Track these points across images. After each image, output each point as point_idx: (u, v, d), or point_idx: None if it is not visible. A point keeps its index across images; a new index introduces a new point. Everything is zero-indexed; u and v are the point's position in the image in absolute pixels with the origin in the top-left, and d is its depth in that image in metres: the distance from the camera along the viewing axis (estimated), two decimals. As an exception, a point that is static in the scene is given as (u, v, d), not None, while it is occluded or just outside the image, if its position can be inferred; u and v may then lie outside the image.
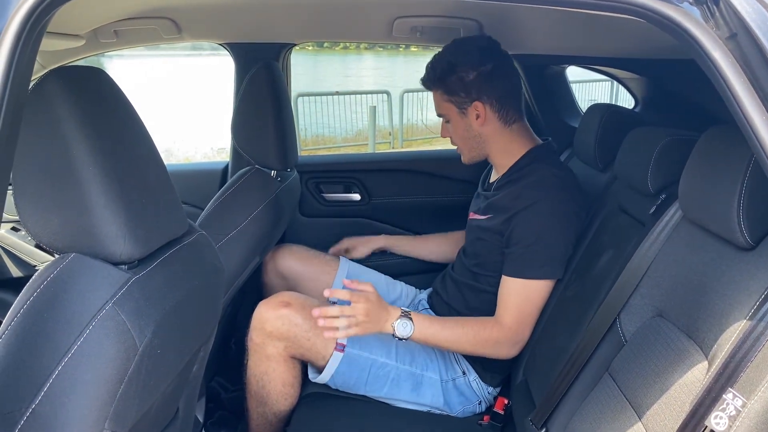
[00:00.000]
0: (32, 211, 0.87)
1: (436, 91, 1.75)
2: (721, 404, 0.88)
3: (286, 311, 1.65)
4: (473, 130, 1.75)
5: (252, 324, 1.68)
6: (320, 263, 2.08)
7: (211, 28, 2.07)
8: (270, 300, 1.69)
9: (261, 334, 1.66)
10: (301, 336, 1.65)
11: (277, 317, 1.64)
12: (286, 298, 1.69)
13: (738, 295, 0.98)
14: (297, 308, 1.66)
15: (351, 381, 1.69)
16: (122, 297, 0.87)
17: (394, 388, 1.71)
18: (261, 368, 1.69)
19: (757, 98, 0.73)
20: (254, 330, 1.67)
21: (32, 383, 0.81)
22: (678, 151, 1.29)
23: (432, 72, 1.73)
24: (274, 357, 1.67)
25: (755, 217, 0.98)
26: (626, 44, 1.69)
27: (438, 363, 1.75)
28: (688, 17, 0.75)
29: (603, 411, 1.21)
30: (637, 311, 1.27)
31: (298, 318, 1.64)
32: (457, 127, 1.77)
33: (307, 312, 1.64)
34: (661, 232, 1.28)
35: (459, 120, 1.75)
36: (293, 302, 1.67)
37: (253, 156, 1.89)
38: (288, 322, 1.64)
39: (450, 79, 1.70)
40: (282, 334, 1.64)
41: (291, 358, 1.69)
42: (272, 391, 1.70)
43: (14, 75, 0.75)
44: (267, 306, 1.67)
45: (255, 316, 1.68)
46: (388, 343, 1.71)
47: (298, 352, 1.67)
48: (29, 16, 0.76)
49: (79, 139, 0.85)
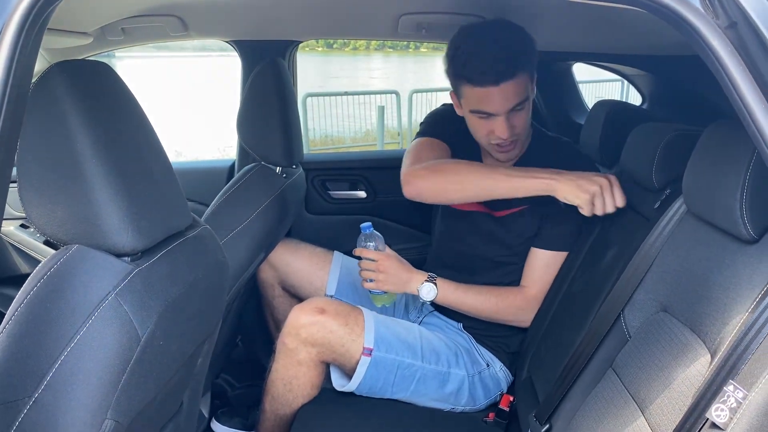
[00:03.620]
0: (37, 204, 0.88)
1: (523, 74, 1.55)
2: (722, 396, 0.88)
3: (322, 318, 1.62)
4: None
5: (285, 329, 1.65)
6: (312, 256, 2.05)
7: (218, 25, 2.09)
8: (305, 305, 1.67)
9: (295, 339, 1.63)
10: (336, 342, 1.63)
11: (313, 323, 1.61)
12: (321, 304, 1.66)
13: (741, 289, 0.98)
14: (332, 315, 1.63)
15: (378, 385, 1.66)
16: (125, 288, 0.88)
17: (420, 387, 1.69)
18: (290, 372, 1.66)
19: (757, 88, 0.73)
20: (288, 335, 1.64)
21: (35, 372, 0.82)
22: (682, 146, 1.29)
23: (516, 55, 1.54)
24: (305, 362, 1.65)
25: (758, 209, 0.98)
26: (632, 40, 1.69)
27: (463, 358, 1.75)
28: (687, 6, 0.75)
29: (606, 406, 1.21)
30: (642, 306, 1.27)
31: (334, 325, 1.62)
32: (530, 108, 1.64)
33: (342, 319, 1.63)
34: (665, 227, 1.28)
35: (532, 100, 1.64)
36: (328, 308, 1.65)
37: (259, 152, 1.90)
38: (323, 329, 1.61)
39: (536, 53, 1.60)
40: (316, 341, 1.62)
41: (321, 362, 1.67)
42: (299, 394, 1.68)
43: (16, 70, 0.76)
44: (302, 311, 1.64)
45: (289, 321, 1.65)
46: (413, 343, 1.70)
47: (330, 357, 1.66)
48: (30, 10, 0.76)
49: (83, 132, 0.86)
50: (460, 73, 1.58)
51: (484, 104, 1.58)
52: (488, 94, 1.55)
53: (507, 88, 1.53)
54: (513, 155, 1.69)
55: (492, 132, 1.61)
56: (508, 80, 1.52)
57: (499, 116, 1.58)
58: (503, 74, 1.52)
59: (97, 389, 0.84)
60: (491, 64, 1.51)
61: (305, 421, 1.63)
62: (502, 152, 1.67)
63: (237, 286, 1.70)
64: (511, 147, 1.66)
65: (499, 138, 1.61)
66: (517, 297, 1.74)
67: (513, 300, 1.74)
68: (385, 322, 1.71)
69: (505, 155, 1.68)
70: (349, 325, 1.63)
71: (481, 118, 1.61)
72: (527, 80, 1.57)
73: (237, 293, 1.77)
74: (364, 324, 1.65)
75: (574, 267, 1.64)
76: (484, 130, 1.63)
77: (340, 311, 1.66)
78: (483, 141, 1.68)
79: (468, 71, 1.55)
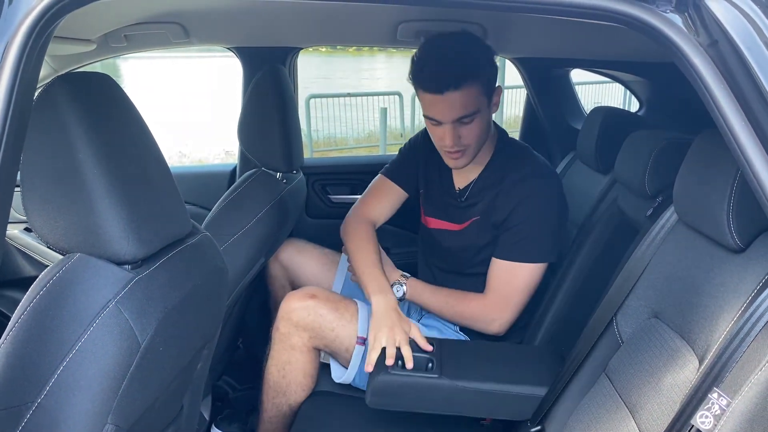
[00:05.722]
0: (39, 213, 0.90)
1: (469, 87, 1.57)
2: (707, 403, 0.90)
3: (313, 302, 1.69)
4: (491, 119, 1.73)
5: (279, 314, 1.72)
6: (321, 257, 2.12)
7: (219, 32, 2.11)
8: (297, 292, 1.75)
9: (287, 324, 1.70)
10: (326, 327, 1.69)
11: (304, 308, 1.69)
12: (312, 290, 1.74)
13: (727, 297, 1.00)
14: (322, 300, 1.71)
15: None
16: (125, 296, 0.90)
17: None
18: (284, 357, 1.73)
19: (737, 104, 0.75)
20: (281, 320, 1.71)
21: (38, 378, 0.84)
22: (675, 154, 1.30)
23: (464, 68, 1.57)
24: (298, 347, 1.71)
25: (745, 219, 1.00)
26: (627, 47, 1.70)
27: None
28: (669, 24, 0.77)
29: (598, 411, 1.23)
30: (634, 312, 1.28)
31: (324, 309, 1.69)
32: (482, 122, 1.66)
33: (332, 304, 1.71)
34: (657, 234, 1.30)
35: (486, 114, 1.66)
36: (319, 294, 1.72)
37: (259, 158, 1.92)
38: (314, 313, 1.68)
39: (490, 71, 1.63)
40: (307, 325, 1.69)
41: (314, 348, 1.73)
42: (293, 381, 1.74)
43: (21, 80, 0.77)
44: (294, 297, 1.72)
45: (282, 307, 1.72)
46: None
47: (322, 343, 1.71)
48: (37, 22, 0.77)
49: (85, 143, 0.88)
50: (414, 78, 1.64)
51: (431, 111, 1.63)
52: (434, 102, 1.60)
53: (452, 98, 1.57)
54: (460, 163, 1.72)
55: (441, 138, 1.67)
56: (452, 90, 1.56)
57: (445, 124, 1.62)
58: (447, 84, 1.56)
59: (99, 395, 0.86)
60: (438, 73, 1.57)
61: (305, 421, 1.66)
62: (449, 158, 1.72)
63: (237, 290, 1.73)
64: (458, 155, 1.69)
65: (446, 145, 1.66)
66: (473, 303, 1.74)
67: (468, 305, 1.75)
68: None
69: (452, 162, 1.73)
70: (339, 311, 1.70)
71: (432, 124, 1.67)
72: (477, 93, 1.59)
73: (237, 298, 1.79)
74: (358, 314, 1.71)
75: (569, 273, 1.66)
76: (435, 135, 1.70)
77: (331, 297, 1.73)
78: (437, 145, 1.73)
79: (419, 77, 1.62)
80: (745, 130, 0.75)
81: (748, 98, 0.75)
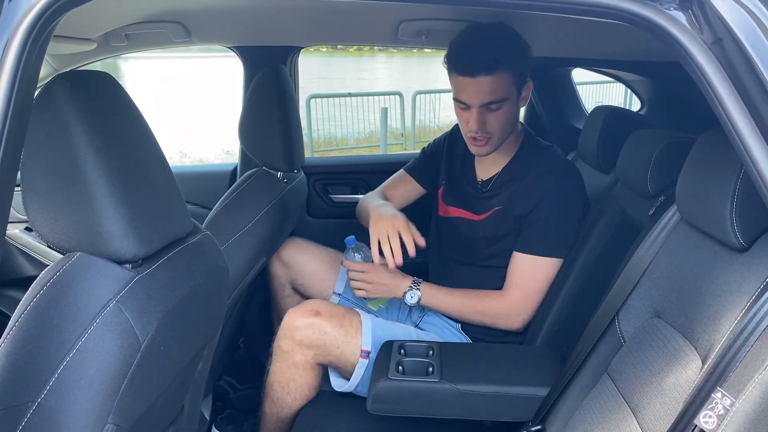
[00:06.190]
0: (40, 212, 0.90)
1: (500, 75, 1.61)
2: (710, 403, 0.89)
3: (317, 320, 1.65)
4: (518, 113, 1.76)
5: (281, 331, 1.68)
6: (323, 256, 2.11)
7: (220, 31, 2.11)
8: (300, 308, 1.70)
9: (290, 342, 1.66)
10: (331, 344, 1.65)
11: (307, 326, 1.65)
12: (315, 306, 1.70)
13: (731, 296, 0.99)
14: (326, 317, 1.66)
15: None
16: (126, 295, 0.89)
17: None
18: (287, 375, 1.69)
19: (741, 102, 0.75)
20: (283, 338, 1.67)
21: (39, 377, 0.83)
22: (677, 153, 1.30)
23: (497, 55, 1.61)
24: (302, 365, 1.67)
25: (748, 218, 0.99)
26: (629, 47, 1.70)
27: None
28: (673, 22, 0.76)
29: (600, 410, 1.22)
30: (636, 312, 1.28)
31: (328, 326, 1.65)
32: (509, 112, 1.69)
33: (336, 320, 1.67)
34: (659, 233, 1.29)
35: (514, 104, 1.70)
36: (323, 311, 1.68)
37: (260, 158, 1.92)
38: (318, 331, 1.64)
39: (523, 63, 1.67)
40: (312, 343, 1.65)
41: (318, 364, 1.70)
42: (298, 396, 1.71)
43: (21, 78, 0.77)
44: (297, 314, 1.68)
45: (284, 324, 1.68)
46: None
47: (326, 359, 1.68)
48: (37, 20, 0.77)
49: (85, 142, 0.88)
50: (449, 60, 1.68)
51: (460, 93, 1.68)
52: (465, 85, 1.65)
53: (482, 82, 1.61)
54: (484, 151, 1.74)
55: (467, 123, 1.70)
56: (483, 75, 1.60)
57: (473, 108, 1.66)
58: (479, 68, 1.60)
59: (99, 394, 0.85)
60: (472, 56, 1.62)
61: (305, 422, 1.65)
62: (474, 145, 1.75)
63: (238, 290, 1.72)
64: (483, 142, 1.71)
65: (471, 130, 1.69)
66: (496, 300, 1.75)
67: (492, 303, 1.75)
68: (382, 325, 1.74)
69: (476, 149, 1.75)
70: (344, 327, 1.67)
71: (461, 108, 1.70)
72: (507, 82, 1.64)
73: (238, 297, 1.79)
74: (361, 326, 1.68)
75: (571, 272, 1.65)
76: (462, 119, 1.73)
77: (335, 313, 1.69)
78: (463, 131, 1.77)
79: (453, 60, 1.66)
80: (749, 128, 0.74)
81: (753, 96, 0.75)
